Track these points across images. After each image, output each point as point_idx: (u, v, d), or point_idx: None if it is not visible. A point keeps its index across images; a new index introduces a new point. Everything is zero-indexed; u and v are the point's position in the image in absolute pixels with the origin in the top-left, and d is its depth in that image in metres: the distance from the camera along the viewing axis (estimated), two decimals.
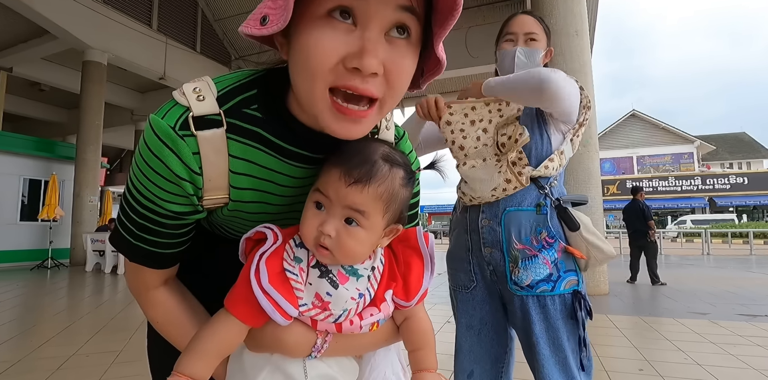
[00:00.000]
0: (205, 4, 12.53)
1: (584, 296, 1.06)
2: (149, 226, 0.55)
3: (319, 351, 0.54)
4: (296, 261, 0.53)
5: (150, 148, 0.50)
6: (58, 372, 2.43)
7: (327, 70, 0.44)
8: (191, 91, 0.51)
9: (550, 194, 1.11)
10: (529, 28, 1.20)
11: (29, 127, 16.03)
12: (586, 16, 5.46)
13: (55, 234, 9.12)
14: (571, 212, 1.08)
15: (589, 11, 6.00)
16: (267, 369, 0.55)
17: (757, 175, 23.86)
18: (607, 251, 1.07)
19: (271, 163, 0.56)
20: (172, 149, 0.50)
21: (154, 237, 0.56)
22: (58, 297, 5.15)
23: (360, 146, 0.53)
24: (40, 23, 8.55)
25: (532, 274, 1.06)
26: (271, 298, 0.49)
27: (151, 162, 0.50)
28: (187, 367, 0.51)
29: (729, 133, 32.94)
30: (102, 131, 9.57)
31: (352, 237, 0.52)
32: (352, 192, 0.50)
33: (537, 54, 1.20)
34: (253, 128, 0.54)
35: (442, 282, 6.92)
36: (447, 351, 1.26)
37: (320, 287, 0.53)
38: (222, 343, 0.53)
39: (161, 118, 0.50)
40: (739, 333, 3.31)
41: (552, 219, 1.09)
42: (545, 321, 1.05)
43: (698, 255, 11.93)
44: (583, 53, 5.18)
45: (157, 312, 0.61)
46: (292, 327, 0.53)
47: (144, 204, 0.53)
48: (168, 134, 0.49)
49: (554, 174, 1.12)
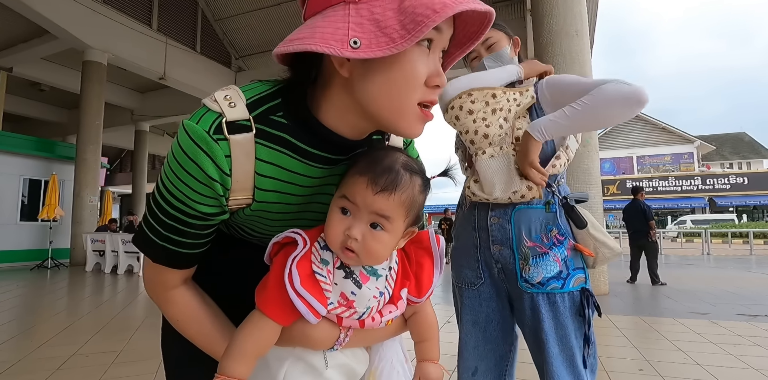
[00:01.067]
0: (205, 4, 12.53)
1: (592, 293, 1.07)
2: (177, 226, 0.58)
3: (341, 344, 0.60)
4: (323, 264, 0.57)
5: (185, 151, 0.54)
6: (58, 372, 2.43)
7: (419, 86, 0.54)
8: (222, 99, 0.56)
9: (557, 192, 1.11)
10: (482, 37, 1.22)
11: (29, 127, 16.03)
12: (586, 16, 5.45)
13: (55, 234, 9.12)
14: (579, 210, 1.09)
15: (589, 11, 5.99)
16: (290, 361, 0.60)
17: (757, 175, 23.85)
18: (614, 248, 1.09)
19: (294, 166, 0.60)
20: (206, 152, 0.53)
21: (180, 238, 0.59)
22: (58, 297, 5.15)
23: (381, 155, 0.59)
24: (40, 23, 8.55)
25: (542, 272, 1.06)
26: (303, 300, 0.54)
27: (186, 165, 0.54)
28: (228, 369, 0.55)
29: (729, 133, 32.93)
30: (102, 131, 9.57)
31: (377, 241, 0.56)
32: (379, 199, 0.55)
33: (503, 54, 1.22)
34: (279, 133, 0.58)
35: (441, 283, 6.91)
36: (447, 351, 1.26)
37: (345, 287, 0.58)
38: (258, 343, 0.57)
39: (196, 123, 0.54)
40: (739, 333, 3.31)
41: (561, 216, 1.10)
42: (554, 319, 1.05)
43: (698, 255, 11.93)
44: (583, 53, 5.18)
45: (177, 310, 0.64)
46: (319, 324, 0.57)
47: (175, 205, 0.57)
48: (203, 138, 0.53)
49: (562, 171, 1.13)
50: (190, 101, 13.47)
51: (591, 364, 1.06)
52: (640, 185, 7.31)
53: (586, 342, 1.05)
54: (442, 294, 5.33)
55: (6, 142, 9.34)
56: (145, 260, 0.63)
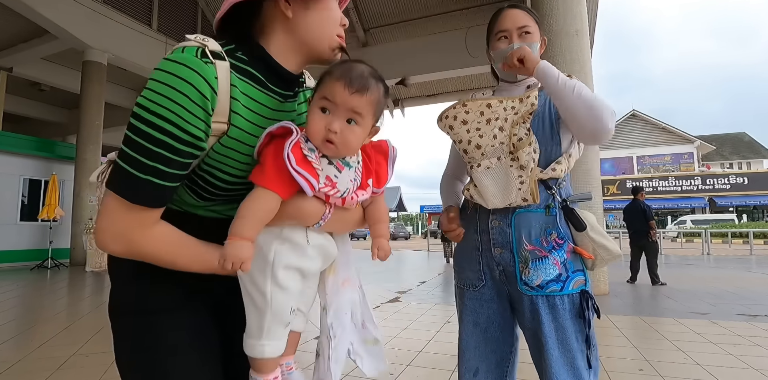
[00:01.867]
0: (205, 4, 12.53)
1: (591, 295, 1.07)
2: (164, 154, 0.61)
3: (324, 220, 0.74)
4: (311, 151, 0.70)
5: (179, 75, 0.61)
6: (58, 372, 2.43)
7: (338, 23, 0.79)
8: (194, 38, 0.66)
9: (558, 195, 1.11)
10: (522, 22, 1.17)
11: (29, 127, 16.02)
12: (586, 16, 5.45)
13: (55, 234, 9.12)
14: (578, 212, 1.09)
15: (589, 11, 5.99)
16: (277, 242, 0.71)
17: (757, 175, 23.85)
18: (614, 250, 1.08)
19: (258, 95, 0.73)
20: (200, 73, 0.62)
21: (166, 168, 0.62)
22: (58, 297, 5.15)
23: (353, 65, 0.72)
24: (40, 23, 8.54)
25: (542, 275, 1.06)
26: (302, 176, 0.67)
27: (180, 87, 0.61)
28: (239, 232, 0.66)
29: (729, 133, 32.93)
30: (102, 131, 9.56)
31: (352, 133, 0.71)
32: (355, 98, 0.69)
33: (534, 48, 1.17)
34: (244, 66, 0.71)
35: (440, 284, 6.89)
36: (447, 351, 1.26)
37: (329, 171, 0.71)
38: (263, 212, 0.68)
39: (181, 52, 0.63)
40: (739, 333, 3.31)
41: (561, 220, 1.10)
42: (554, 321, 1.05)
43: (698, 255, 11.93)
44: (583, 53, 5.18)
45: (162, 243, 0.67)
46: (310, 200, 0.71)
47: (165, 130, 0.61)
48: (194, 61, 0.62)
49: (563, 175, 1.12)
50: None
51: (594, 367, 1.05)
52: (640, 185, 7.31)
53: (588, 345, 1.04)
54: (442, 294, 5.33)
55: (6, 142, 9.34)
56: (112, 207, 0.63)
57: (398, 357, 2.72)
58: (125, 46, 9.92)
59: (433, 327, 3.51)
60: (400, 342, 3.06)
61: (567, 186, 1.16)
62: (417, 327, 3.53)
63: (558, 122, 1.13)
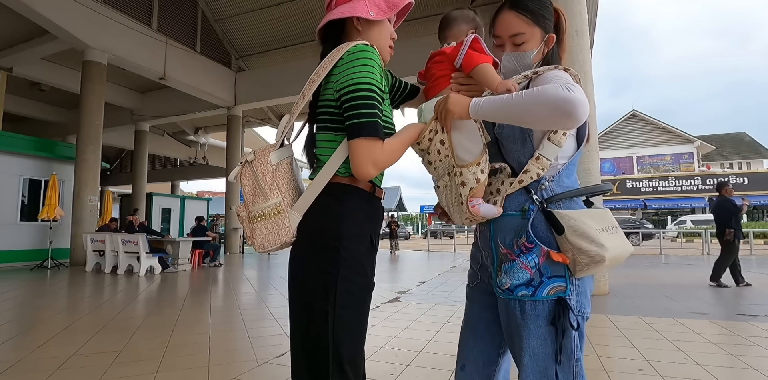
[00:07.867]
0: (205, 4, 12.53)
1: (569, 305, 0.99)
2: (383, 109, 1.08)
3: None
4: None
5: (374, 58, 1.05)
6: (58, 372, 2.43)
7: (389, 37, 1.19)
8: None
9: (539, 197, 1.06)
10: (514, 29, 1.13)
11: (29, 127, 16.04)
12: (586, 16, 5.45)
13: (55, 234, 9.13)
14: (556, 215, 1.02)
15: (589, 11, 5.99)
16: None
17: (757, 175, 23.85)
18: (594, 255, 0.96)
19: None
20: (377, 55, 1.08)
21: (387, 116, 1.11)
22: (58, 297, 5.15)
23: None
24: (40, 23, 8.55)
25: (511, 279, 1.04)
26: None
27: (377, 65, 1.05)
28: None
29: (729, 133, 32.94)
30: (102, 131, 9.57)
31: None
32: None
33: (526, 57, 1.13)
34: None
35: (442, 283, 6.85)
36: (447, 351, 1.26)
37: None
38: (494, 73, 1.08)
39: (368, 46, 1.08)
40: (739, 333, 3.31)
41: (534, 223, 1.04)
42: (526, 327, 1.01)
43: (698, 255, 11.93)
44: (583, 53, 5.18)
45: (396, 145, 1.06)
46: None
47: (381, 88, 1.06)
48: (375, 51, 1.08)
49: (543, 174, 1.06)
50: (190, 101, 13.47)
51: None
52: (724, 180, 7.18)
53: (556, 358, 0.99)
54: (442, 294, 5.33)
55: (6, 142, 9.34)
56: (368, 146, 0.99)
57: (398, 357, 2.72)
58: (125, 46, 9.93)
59: (433, 327, 3.51)
60: (400, 342, 3.06)
61: (554, 186, 1.08)
62: (417, 327, 3.53)
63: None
